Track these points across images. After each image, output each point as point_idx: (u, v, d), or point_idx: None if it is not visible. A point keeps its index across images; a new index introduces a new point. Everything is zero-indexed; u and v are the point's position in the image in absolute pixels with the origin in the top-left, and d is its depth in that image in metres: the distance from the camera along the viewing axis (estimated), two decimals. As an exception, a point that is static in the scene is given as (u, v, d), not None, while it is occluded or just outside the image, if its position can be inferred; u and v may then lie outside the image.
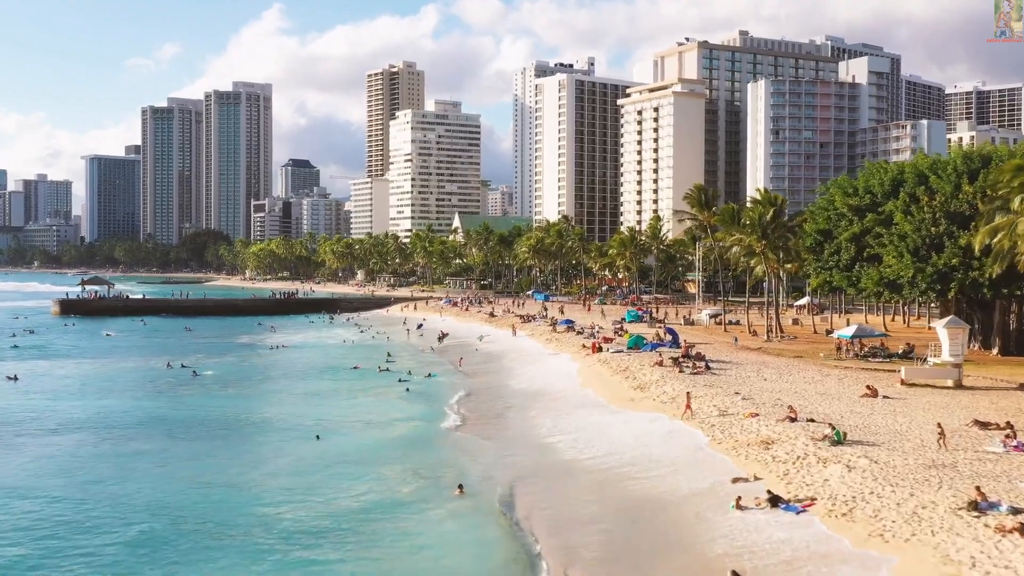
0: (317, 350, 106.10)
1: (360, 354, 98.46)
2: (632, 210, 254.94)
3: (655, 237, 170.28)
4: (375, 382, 77.72)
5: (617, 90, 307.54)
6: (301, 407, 65.14)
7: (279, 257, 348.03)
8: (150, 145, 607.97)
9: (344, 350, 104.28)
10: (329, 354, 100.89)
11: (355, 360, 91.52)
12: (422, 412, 62.83)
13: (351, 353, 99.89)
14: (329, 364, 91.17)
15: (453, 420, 59.31)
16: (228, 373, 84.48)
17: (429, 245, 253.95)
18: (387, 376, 79.98)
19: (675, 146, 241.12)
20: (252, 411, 63.38)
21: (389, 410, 63.59)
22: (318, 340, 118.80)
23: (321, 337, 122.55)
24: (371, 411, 63.21)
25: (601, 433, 50.78)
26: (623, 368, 71.41)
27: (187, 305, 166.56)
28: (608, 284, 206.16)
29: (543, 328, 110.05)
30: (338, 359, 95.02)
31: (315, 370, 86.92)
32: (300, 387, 75.98)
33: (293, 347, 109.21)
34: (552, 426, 54.19)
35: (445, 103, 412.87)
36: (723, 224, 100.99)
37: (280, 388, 75.57)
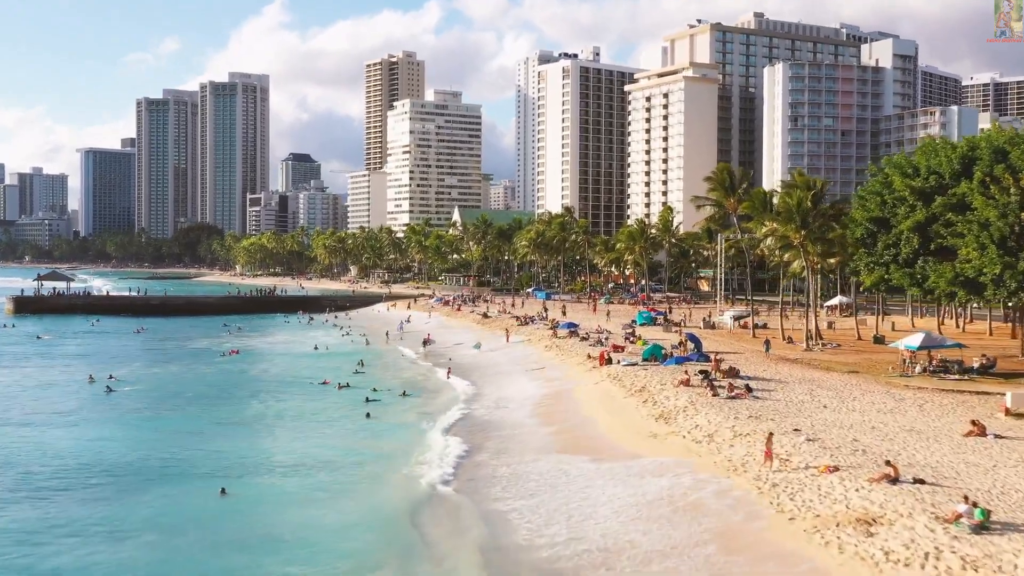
0: (281, 358, 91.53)
1: (330, 363, 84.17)
2: (640, 202, 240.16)
3: (667, 230, 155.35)
4: (333, 402, 63.36)
5: (624, 77, 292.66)
6: (220, 441, 50.56)
7: (271, 252, 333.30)
8: (145, 137, 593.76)
9: (311, 359, 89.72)
10: (292, 363, 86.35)
11: (322, 371, 77.23)
12: (376, 453, 48.13)
13: (318, 362, 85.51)
14: (287, 377, 76.87)
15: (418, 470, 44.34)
16: (155, 389, 69.97)
17: (424, 239, 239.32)
18: (349, 395, 65.45)
19: (686, 134, 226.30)
20: (151, 448, 48.73)
21: (332, 448, 48.84)
22: (287, 345, 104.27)
23: (292, 341, 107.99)
24: (310, 449, 48.60)
25: (603, 499, 36.11)
26: (639, 388, 56.87)
27: (155, 303, 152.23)
28: (614, 281, 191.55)
29: (542, 332, 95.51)
30: (301, 370, 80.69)
31: (266, 385, 72.47)
32: (234, 410, 61.25)
33: (253, 354, 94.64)
34: (521, 484, 39.57)
35: (445, 93, 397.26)
36: (753, 212, 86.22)
37: (207, 412, 60.45)
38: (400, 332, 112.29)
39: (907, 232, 69.88)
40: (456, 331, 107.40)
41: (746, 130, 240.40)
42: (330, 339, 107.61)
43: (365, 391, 65.58)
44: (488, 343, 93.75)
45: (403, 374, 77.11)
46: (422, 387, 69.92)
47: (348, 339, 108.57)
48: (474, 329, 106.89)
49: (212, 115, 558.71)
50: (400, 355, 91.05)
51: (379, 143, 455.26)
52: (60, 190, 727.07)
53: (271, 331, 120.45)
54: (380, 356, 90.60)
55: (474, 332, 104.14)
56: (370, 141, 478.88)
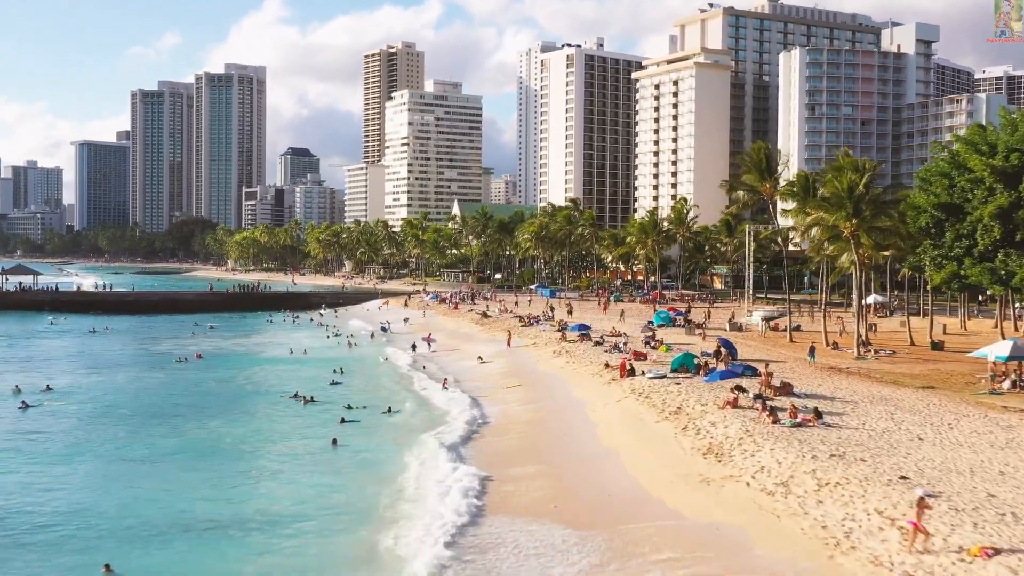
0: (250, 364, 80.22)
1: (305, 371, 73.20)
2: (647, 195, 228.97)
3: (681, 222, 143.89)
4: (297, 422, 52.30)
5: (630, 66, 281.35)
6: (130, 485, 38.84)
7: (264, 246, 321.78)
8: (140, 130, 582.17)
9: (285, 365, 78.53)
10: (261, 371, 75.18)
11: (295, 379, 66.35)
12: (335, 504, 36.62)
13: (292, 370, 74.49)
14: (250, 388, 65.87)
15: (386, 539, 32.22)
16: (87, 404, 58.42)
17: (422, 233, 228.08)
18: (318, 412, 54.41)
19: (697, 123, 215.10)
20: (30, 498, 36.83)
21: (276, 497, 37.28)
22: (261, 348, 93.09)
23: (268, 344, 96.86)
24: (247, 497, 37.08)
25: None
26: (674, 409, 45.76)
27: (129, 300, 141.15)
28: (622, 278, 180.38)
29: (549, 335, 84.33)
30: (268, 379, 69.70)
31: (220, 400, 61.05)
32: (167, 435, 49.26)
33: (219, 359, 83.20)
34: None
35: (445, 84, 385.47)
36: (794, 198, 74.96)
37: (134, 438, 48.39)
38: (386, 334, 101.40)
39: (987, 220, 58.60)
40: (452, 333, 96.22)
41: (760, 119, 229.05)
42: (312, 341, 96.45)
43: (337, 406, 54.60)
44: (488, 347, 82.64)
45: (388, 385, 66.06)
46: (409, 402, 58.73)
47: (332, 341, 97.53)
48: (472, 330, 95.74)
49: (208, 107, 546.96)
50: (387, 361, 79.91)
51: (377, 136, 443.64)
52: (55, 184, 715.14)
53: (248, 332, 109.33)
54: (364, 362, 79.43)
55: (472, 333, 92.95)
56: (368, 134, 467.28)
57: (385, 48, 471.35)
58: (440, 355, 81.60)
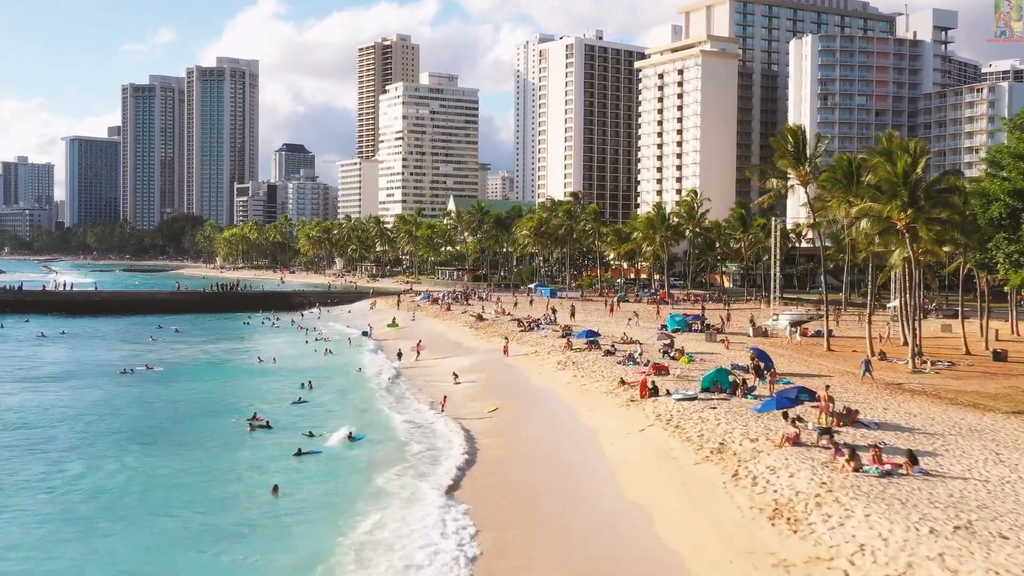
0: (208, 375, 69.98)
1: (270, 383, 63.61)
2: (651, 189, 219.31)
3: (691, 217, 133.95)
4: (242, 454, 42.57)
5: (631, 56, 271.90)
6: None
7: (254, 243, 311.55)
8: (131, 125, 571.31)
9: (248, 377, 68.66)
10: (219, 385, 65.20)
11: (255, 395, 56.73)
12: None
13: (255, 383, 64.83)
14: (199, 407, 56.01)
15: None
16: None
17: (415, 230, 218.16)
18: (271, 442, 44.71)
19: (703, 115, 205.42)
20: None
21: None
22: (227, 355, 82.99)
23: (235, 350, 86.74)
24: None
25: None
26: (716, 445, 36.06)
27: (97, 300, 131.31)
28: (625, 276, 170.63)
29: (551, 342, 74.56)
30: (224, 395, 59.94)
31: (157, 424, 50.93)
32: (73, 474, 39.18)
33: (175, 369, 72.87)
34: None
35: (440, 76, 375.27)
36: (835, 186, 65.12)
37: (28, 482, 38.04)
38: (368, 339, 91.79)
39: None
40: (441, 338, 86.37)
41: (768, 110, 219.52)
42: (287, 347, 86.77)
43: (297, 433, 44.91)
44: (483, 356, 72.90)
45: (361, 404, 56.21)
46: (381, 428, 48.91)
47: (309, 347, 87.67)
48: (465, 335, 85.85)
49: (199, 102, 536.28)
50: (362, 372, 70.03)
51: (372, 131, 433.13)
52: (46, 180, 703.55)
53: (218, 336, 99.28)
54: (338, 374, 69.49)
55: (464, 340, 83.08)
56: (362, 129, 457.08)
57: (380, 41, 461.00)
58: (427, 365, 71.81)
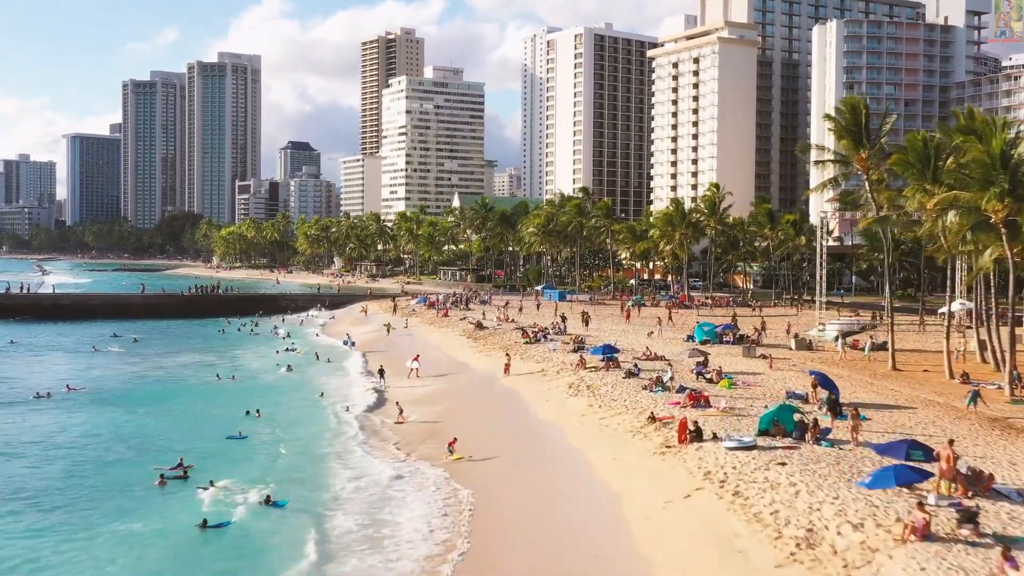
0: (144, 399, 58.28)
1: (216, 410, 52.49)
2: (665, 184, 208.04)
3: (713, 212, 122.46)
4: (134, 529, 31.36)
5: (643, 47, 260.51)
6: None
7: (251, 242, 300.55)
8: (131, 122, 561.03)
9: (194, 401, 57.27)
10: (157, 415, 53.29)
11: (193, 428, 45.58)
12: None
13: (199, 409, 53.64)
14: (115, 450, 44.56)
15: None
16: None
17: (416, 227, 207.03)
18: (175, 501, 33.54)
19: (720, 105, 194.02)
20: None
21: None
22: (184, 371, 71.56)
23: (196, 364, 75.14)
24: None
25: None
26: (802, 534, 24.74)
27: (64, 304, 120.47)
28: (639, 276, 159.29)
29: (561, 357, 63.29)
30: (154, 430, 48.61)
31: (46, 476, 39.52)
32: None
33: (110, 390, 61.39)
34: None
35: (445, 70, 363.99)
36: (907, 171, 53.69)
37: None
38: (349, 349, 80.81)
39: None
40: (434, 350, 75.09)
41: (789, 100, 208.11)
42: (255, 360, 75.75)
43: (218, 484, 33.84)
44: (478, 374, 61.69)
45: (306, 447, 44.31)
46: (315, 488, 37.21)
47: (282, 358, 76.26)
48: (460, 348, 74.52)
49: (200, 98, 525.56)
50: (328, 398, 58.30)
51: (376, 127, 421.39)
52: (48, 178, 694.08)
53: (180, 346, 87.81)
54: (298, 399, 57.78)
55: (458, 354, 71.77)
56: (366, 125, 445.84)
57: (384, 35, 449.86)
58: (414, 385, 60.57)
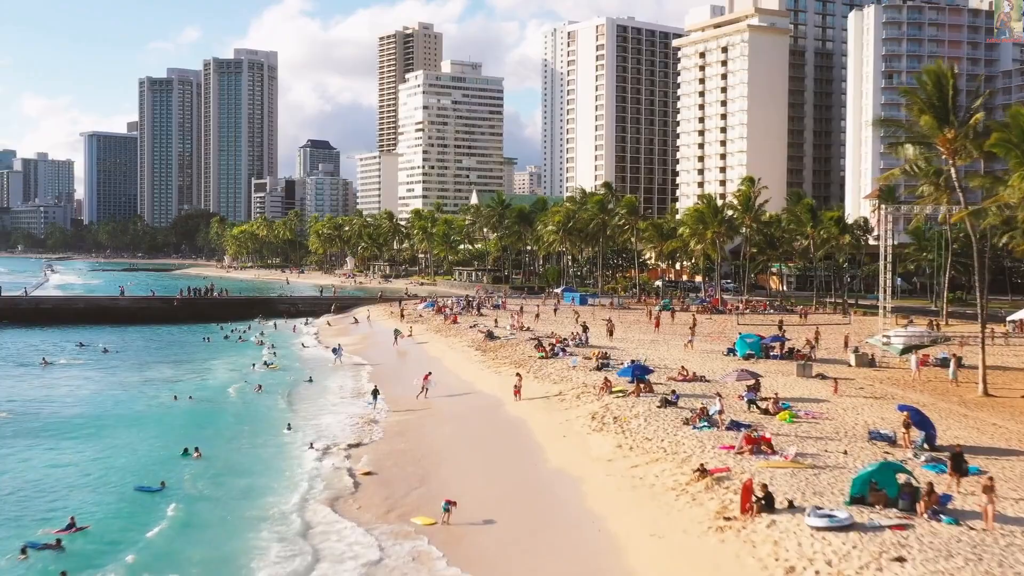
0: (76, 430, 47.78)
1: (157, 441, 43.40)
2: (691, 181, 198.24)
3: (747, 209, 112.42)
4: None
5: (667, 38, 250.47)
6: None
7: (263, 241, 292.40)
8: (148, 120, 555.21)
9: (137, 430, 48.03)
10: (81, 450, 43.75)
11: (127, 461, 36.41)
12: None
13: (132, 442, 44.49)
14: (18, 496, 35.55)
15: None
16: None
17: (430, 226, 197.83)
18: None
19: (750, 97, 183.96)
20: None
21: None
22: (143, 389, 62.40)
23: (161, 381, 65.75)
24: None
25: None
26: None
27: (45, 308, 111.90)
28: (664, 277, 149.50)
29: (581, 376, 53.74)
30: (73, 470, 39.49)
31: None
32: None
33: (35, 415, 52.16)
34: None
35: (463, 64, 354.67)
36: (1007, 153, 43.95)
37: None
38: (338, 359, 71.69)
39: None
40: (434, 370, 65.64)
41: (822, 92, 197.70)
42: (225, 373, 66.77)
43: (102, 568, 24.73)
44: (484, 398, 52.30)
45: (246, 507, 34.61)
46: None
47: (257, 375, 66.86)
48: (466, 362, 64.98)
49: (216, 94, 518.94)
50: (297, 433, 48.13)
51: (393, 124, 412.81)
52: (66, 177, 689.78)
53: (154, 357, 78.55)
54: (258, 431, 47.93)
55: (463, 371, 62.31)
56: (383, 121, 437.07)
57: (401, 30, 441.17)
58: (411, 410, 51.18)
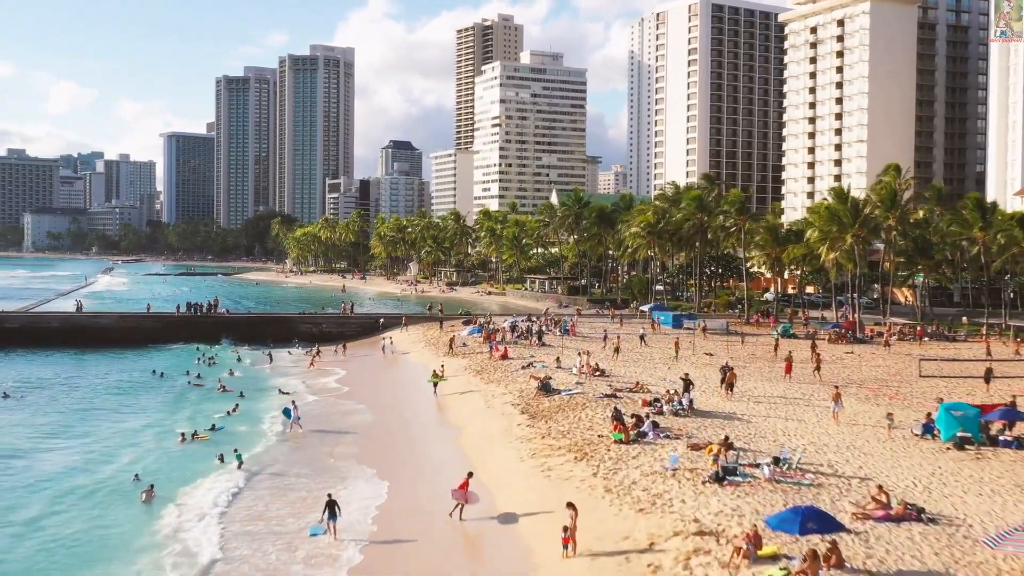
0: None
1: None
2: (800, 175, 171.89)
3: (893, 206, 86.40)
4: None
5: (768, 18, 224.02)
6: None
7: (327, 243, 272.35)
8: (224, 119, 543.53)
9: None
10: None
11: None
12: None
13: None
14: None
15: None
16: None
17: (499, 227, 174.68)
18: None
19: (871, 78, 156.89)
20: None
21: None
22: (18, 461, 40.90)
23: (38, 453, 44.17)
24: None
25: None
26: None
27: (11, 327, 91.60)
28: (766, 287, 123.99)
29: (689, 499, 29.69)
30: None
31: None
32: None
33: None
34: None
35: (543, 55, 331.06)
36: None
37: None
38: (294, 427, 48.70)
39: None
40: (438, 467, 41.96)
41: (956, 72, 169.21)
42: (131, 450, 44.50)
43: None
44: (508, 540, 28.75)
45: None
46: None
47: (181, 450, 44.52)
48: (503, 442, 41.26)
49: (291, 92, 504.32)
50: None
51: (469, 120, 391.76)
52: (148, 178, 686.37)
53: (48, 409, 55.38)
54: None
55: (494, 459, 38.65)
56: (460, 118, 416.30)
57: (480, 22, 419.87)
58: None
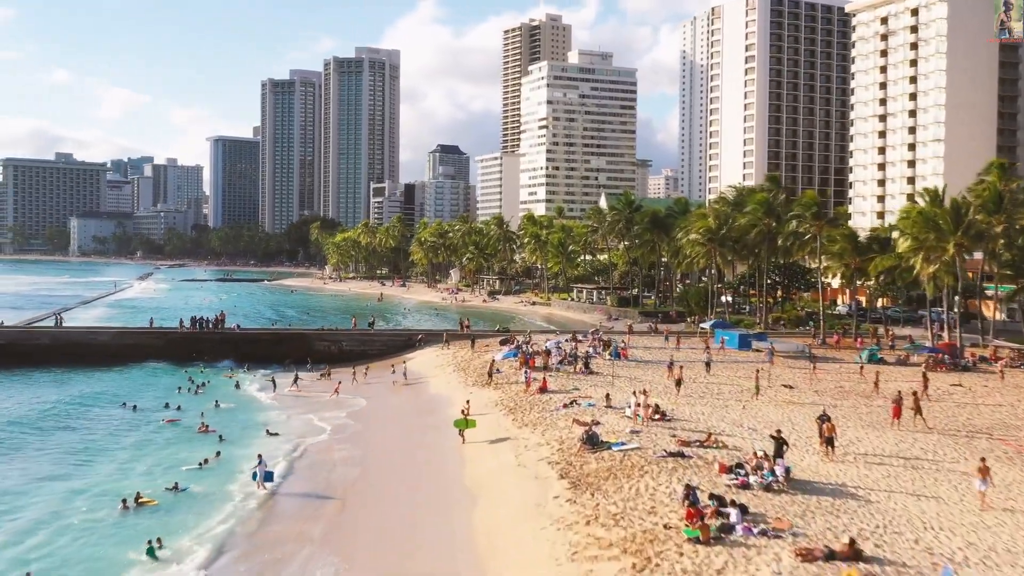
0: None
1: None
2: (869, 177, 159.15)
3: (997, 209, 74.20)
4: None
5: (831, 11, 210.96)
6: None
7: (367, 249, 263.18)
8: (270, 123, 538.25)
9: None
10: None
11: None
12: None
13: None
14: None
15: None
16: None
17: (544, 233, 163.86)
18: None
19: (949, 70, 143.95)
20: None
21: None
22: None
23: None
24: None
25: None
26: None
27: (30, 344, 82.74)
28: (833, 300, 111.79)
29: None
30: None
31: None
32: None
33: None
34: None
35: (592, 54, 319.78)
36: None
37: None
38: (260, 485, 38.58)
39: None
40: (462, 542, 31.37)
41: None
42: (61, 524, 34.60)
43: None
44: None
45: None
46: None
47: (101, 532, 34.50)
48: (535, 533, 30.63)
49: (336, 95, 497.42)
50: None
51: (516, 122, 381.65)
52: (195, 182, 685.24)
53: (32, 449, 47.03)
54: None
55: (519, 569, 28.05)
56: (507, 120, 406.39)
57: (527, 22, 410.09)
58: None
